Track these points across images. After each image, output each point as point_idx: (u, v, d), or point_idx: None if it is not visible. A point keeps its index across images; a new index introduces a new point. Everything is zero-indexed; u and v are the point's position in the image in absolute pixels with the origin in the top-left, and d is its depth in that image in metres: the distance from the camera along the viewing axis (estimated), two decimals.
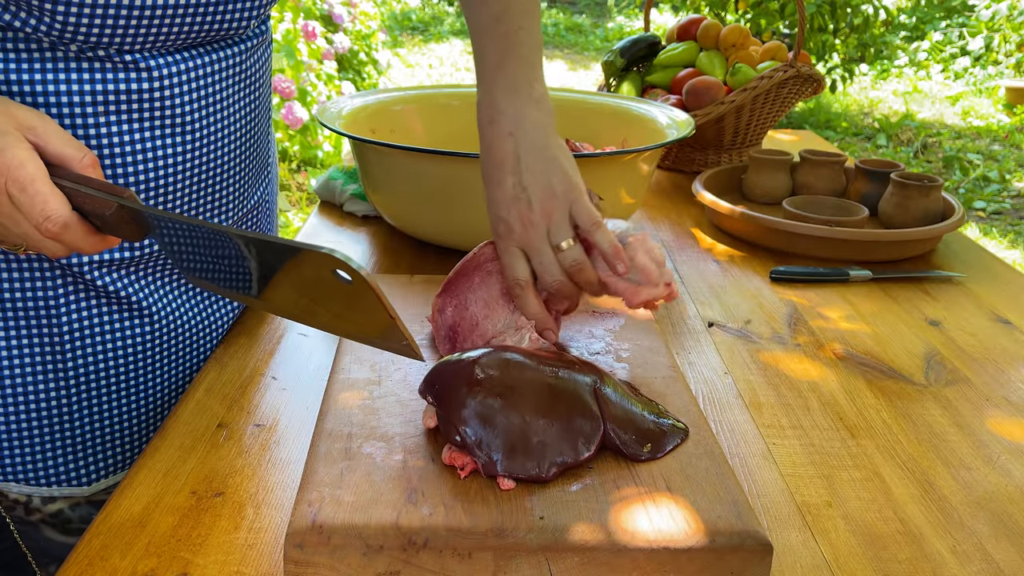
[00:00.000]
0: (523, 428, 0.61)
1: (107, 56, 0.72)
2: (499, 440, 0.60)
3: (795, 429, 0.79)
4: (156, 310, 0.83)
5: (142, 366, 0.84)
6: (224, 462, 0.70)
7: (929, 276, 1.14)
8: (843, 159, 1.41)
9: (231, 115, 0.82)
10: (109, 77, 0.72)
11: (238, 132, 0.84)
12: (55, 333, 0.78)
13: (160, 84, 0.75)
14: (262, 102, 0.88)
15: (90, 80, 0.72)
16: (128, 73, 0.73)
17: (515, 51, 0.79)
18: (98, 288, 0.79)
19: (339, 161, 4.03)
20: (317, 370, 0.85)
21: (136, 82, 0.74)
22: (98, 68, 0.72)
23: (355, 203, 1.30)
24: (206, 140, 0.80)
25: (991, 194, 4.63)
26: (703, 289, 1.09)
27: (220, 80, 0.80)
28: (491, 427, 0.61)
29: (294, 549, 0.54)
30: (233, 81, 0.82)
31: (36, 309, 0.77)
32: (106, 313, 0.80)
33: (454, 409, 0.61)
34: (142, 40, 0.72)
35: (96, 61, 0.72)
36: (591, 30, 9.93)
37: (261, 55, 0.87)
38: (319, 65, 4.19)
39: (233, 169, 0.85)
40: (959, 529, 0.66)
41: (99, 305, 0.80)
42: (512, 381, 0.63)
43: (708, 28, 1.67)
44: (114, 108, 0.74)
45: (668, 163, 1.64)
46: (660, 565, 0.55)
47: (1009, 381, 0.89)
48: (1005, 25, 7.11)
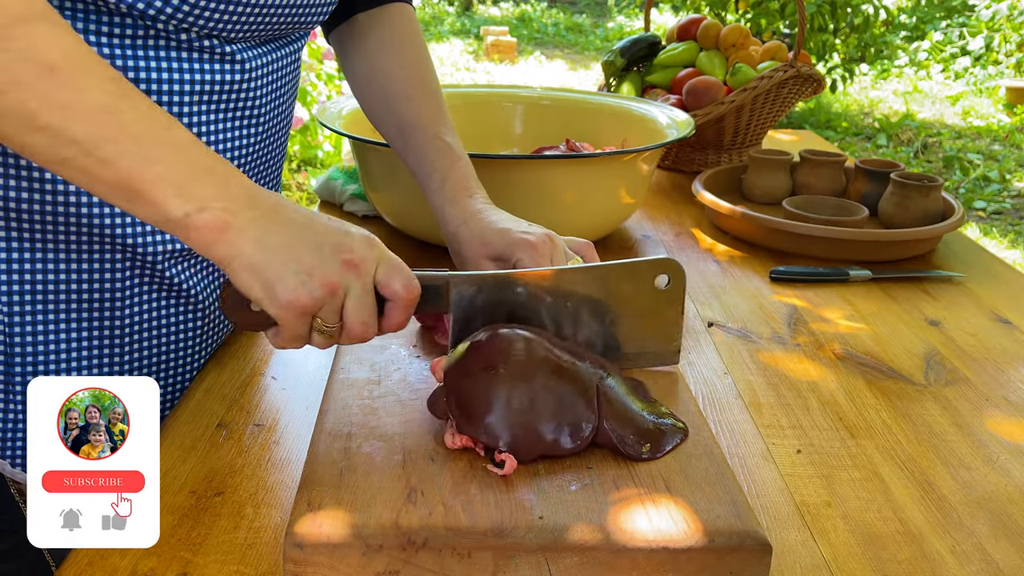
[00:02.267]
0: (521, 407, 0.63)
1: (210, 47, 0.74)
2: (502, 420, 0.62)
3: (795, 429, 0.79)
4: (203, 299, 0.85)
5: (189, 353, 0.87)
6: (224, 462, 0.70)
7: (929, 276, 1.14)
8: (843, 159, 1.41)
9: (286, 107, 0.86)
10: (207, 68, 0.75)
11: (286, 124, 0.88)
12: (116, 325, 0.80)
13: (246, 76, 0.77)
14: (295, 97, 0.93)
15: (189, 70, 0.74)
16: (224, 64, 0.75)
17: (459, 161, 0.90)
18: (163, 279, 0.80)
19: (339, 161, 4.03)
20: (317, 370, 0.85)
21: (230, 73, 0.76)
22: (196, 59, 0.74)
23: (355, 203, 1.30)
24: (271, 131, 0.84)
25: (991, 194, 4.63)
26: (703, 289, 1.09)
27: (286, 73, 0.84)
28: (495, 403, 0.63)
29: (294, 549, 0.54)
30: (292, 74, 0.86)
31: (101, 300, 0.78)
32: (164, 305, 0.82)
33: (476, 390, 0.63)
34: (246, 30, 0.75)
35: (196, 51, 0.74)
36: (591, 30, 9.93)
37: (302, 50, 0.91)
38: (319, 65, 4.19)
39: (279, 160, 0.89)
40: (958, 529, 0.66)
41: (159, 297, 0.82)
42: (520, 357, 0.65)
43: (708, 28, 1.67)
44: (206, 98, 0.76)
45: (668, 163, 1.64)
46: (659, 565, 0.55)
47: (1009, 381, 0.89)
48: (1005, 25, 7.11)
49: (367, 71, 0.96)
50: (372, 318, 0.65)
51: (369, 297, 0.64)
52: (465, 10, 11.00)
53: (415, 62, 0.95)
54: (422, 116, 0.92)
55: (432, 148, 0.90)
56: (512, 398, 0.63)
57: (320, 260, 0.61)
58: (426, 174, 0.90)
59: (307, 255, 0.61)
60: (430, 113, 0.92)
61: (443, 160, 0.89)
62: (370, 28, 0.96)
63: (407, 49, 0.95)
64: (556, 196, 1.09)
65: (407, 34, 0.96)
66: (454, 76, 7.28)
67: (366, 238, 0.64)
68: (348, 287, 0.63)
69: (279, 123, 0.86)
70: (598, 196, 1.13)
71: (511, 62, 8.09)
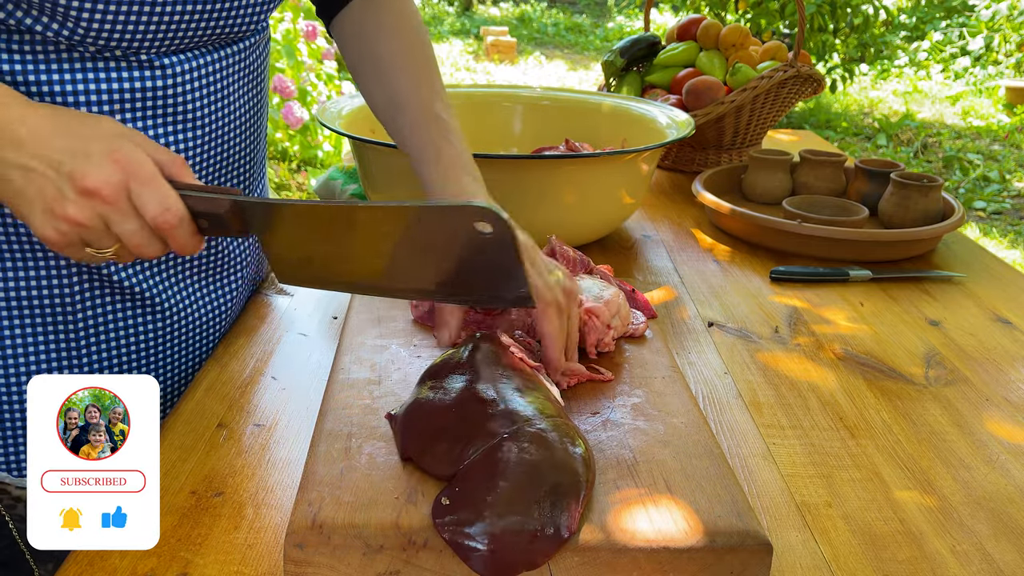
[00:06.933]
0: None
1: (123, 56, 0.73)
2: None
3: (795, 429, 0.79)
4: (166, 304, 0.85)
5: (152, 358, 0.86)
6: (224, 462, 0.70)
7: (929, 276, 1.14)
8: (843, 159, 1.41)
9: (235, 109, 0.84)
10: (124, 76, 0.74)
11: (242, 126, 0.86)
12: (70, 328, 0.80)
13: (172, 81, 0.76)
14: (262, 97, 0.91)
15: (106, 79, 0.73)
16: (143, 71, 0.74)
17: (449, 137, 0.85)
18: (114, 284, 0.80)
19: (339, 161, 4.03)
20: (317, 370, 0.85)
21: (151, 80, 0.75)
22: (113, 67, 0.73)
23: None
24: (214, 135, 0.82)
25: (991, 194, 4.63)
26: (703, 289, 1.09)
27: (226, 76, 0.82)
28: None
29: (294, 549, 0.54)
30: (237, 76, 0.83)
31: (52, 305, 0.78)
32: (119, 308, 0.82)
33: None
34: (159, 41, 0.74)
35: (112, 61, 0.73)
36: (591, 30, 9.93)
37: (262, 51, 0.89)
38: (319, 65, 4.19)
39: (237, 163, 0.87)
40: (959, 529, 0.66)
41: (113, 301, 0.81)
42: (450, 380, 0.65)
43: (708, 28, 1.67)
44: (129, 106, 0.75)
45: (668, 163, 1.64)
46: (660, 565, 0.55)
47: (1009, 381, 0.89)
48: (1005, 25, 7.11)
49: (364, 55, 0.93)
50: (146, 240, 0.63)
51: (130, 222, 0.61)
52: (465, 10, 11.00)
53: (414, 45, 0.93)
54: (418, 94, 0.88)
55: (426, 125, 0.86)
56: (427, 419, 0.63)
57: (59, 192, 0.60)
58: (419, 148, 0.85)
59: (47, 186, 0.60)
60: (426, 92, 0.88)
61: (437, 134, 0.85)
62: (366, 13, 0.94)
63: (403, 30, 0.93)
64: (556, 196, 1.09)
65: (404, 15, 0.94)
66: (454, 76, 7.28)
67: (113, 158, 0.60)
68: (101, 214, 0.61)
69: (231, 125, 0.83)
70: (598, 196, 1.13)
71: (511, 62, 8.09)
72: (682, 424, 0.68)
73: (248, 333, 0.92)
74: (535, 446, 0.58)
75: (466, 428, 0.60)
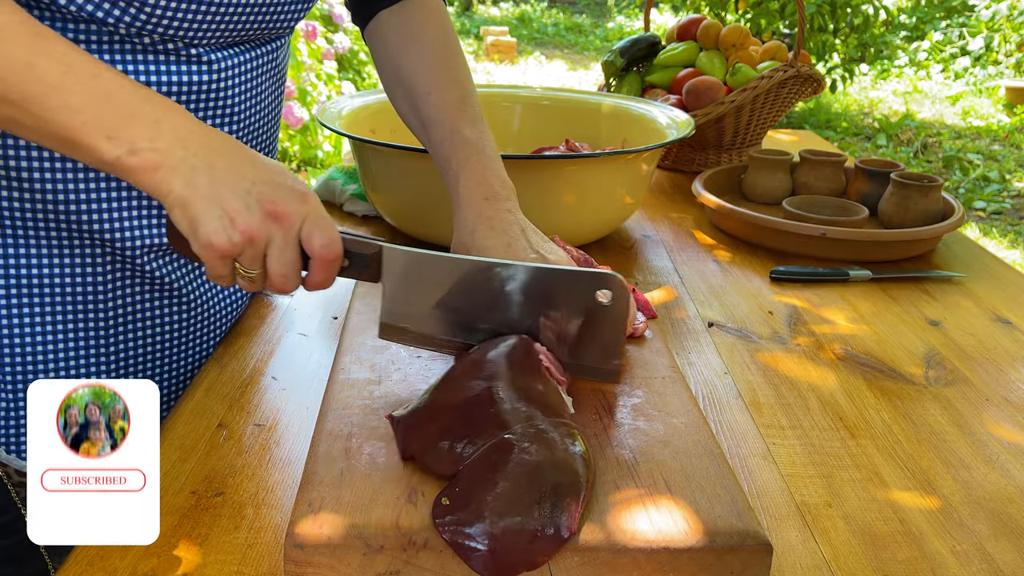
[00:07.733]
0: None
1: (175, 49, 0.75)
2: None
3: (795, 429, 0.79)
4: (187, 291, 0.86)
5: (174, 343, 0.88)
6: (224, 462, 0.70)
7: (929, 276, 1.14)
8: (843, 159, 1.41)
9: (265, 107, 0.86)
10: (172, 69, 0.75)
11: (268, 124, 0.88)
12: (100, 317, 0.81)
13: (217, 76, 0.78)
14: (282, 96, 0.93)
15: (156, 71, 0.75)
16: (191, 66, 0.76)
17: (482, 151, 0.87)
18: (144, 273, 0.82)
19: (339, 161, 4.03)
20: (317, 370, 0.85)
21: (196, 74, 0.77)
22: (163, 60, 0.75)
23: (355, 203, 1.30)
24: (246, 130, 0.84)
25: (991, 194, 4.63)
26: (703, 289, 1.09)
27: (260, 74, 0.84)
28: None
29: (294, 549, 0.54)
30: (268, 75, 0.85)
31: (85, 294, 0.80)
32: (148, 298, 0.84)
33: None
34: (211, 32, 0.75)
35: (161, 54, 0.75)
36: (591, 30, 9.93)
37: (286, 52, 0.91)
38: (319, 65, 4.19)
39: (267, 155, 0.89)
40: (959, 529, 0.66)
41: (143, 291, 0.83)
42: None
43: (708, 28, 1.67)
44: (175, 99, 0.76)
45: (668, 163, 1.64)
46: (660, 565, 0.55)
47: (1009, 381, 0.89)
48: (1005, 25, 7.11)
49: (392, 69, 0.94)
50: (293, 272, 0.66)
51: (291, 251, 0.65)
52: (465, 10, 11.00)
53: (437, 55, 0.92)
54: (441, 110, 0.88)
55: (449, 144, 0.86)
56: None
57: (245, 207, 0.62)
58: (443, 171, 0.86)
59: (233, 200, 0.62)
60: (449, 106, 0.88)
61: (457, 155, 0.85)
62: (392, 24, 0.94)
63: (429, 43, 0.93)
64: (556, 196, 1.09)
65: (430, 27, 0.93)
66: None
67: (299, 192, 0.65)
68: (270, 237, 0.64)
69: (260, 121, 0.86)
70: (598, 196, 1.13)
71: (511, 62, 8.09)
72: (682, 424, 0.68)
73: (248, 333, 0.92)
74: (535, 446, 0.58)
75: (468, 427, 0.60)
